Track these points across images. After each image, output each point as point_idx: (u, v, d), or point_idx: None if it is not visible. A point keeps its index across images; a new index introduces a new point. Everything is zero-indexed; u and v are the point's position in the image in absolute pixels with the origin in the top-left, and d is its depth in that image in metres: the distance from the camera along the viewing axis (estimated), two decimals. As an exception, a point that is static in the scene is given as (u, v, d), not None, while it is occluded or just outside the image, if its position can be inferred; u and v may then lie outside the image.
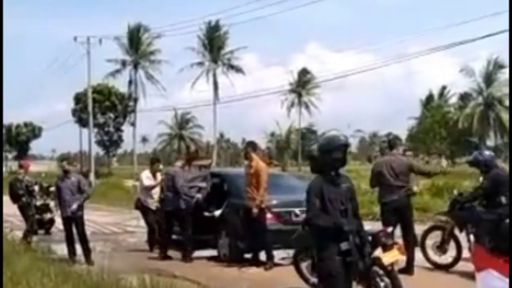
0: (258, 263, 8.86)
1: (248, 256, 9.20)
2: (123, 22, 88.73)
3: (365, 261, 4.93)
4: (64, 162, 9.90)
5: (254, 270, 8.60)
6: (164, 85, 59.31)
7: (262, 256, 8.96)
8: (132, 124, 58.18)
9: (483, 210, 7.40)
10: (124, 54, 58.63)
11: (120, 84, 57.85)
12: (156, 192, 10.53)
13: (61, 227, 10.12)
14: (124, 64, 58.52)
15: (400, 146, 8.52)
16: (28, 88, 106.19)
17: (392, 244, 5.48)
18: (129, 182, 33.07)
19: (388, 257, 5.38)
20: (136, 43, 58.35)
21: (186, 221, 9.80)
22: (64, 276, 6.66)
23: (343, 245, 4.73)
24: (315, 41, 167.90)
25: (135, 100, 57.95)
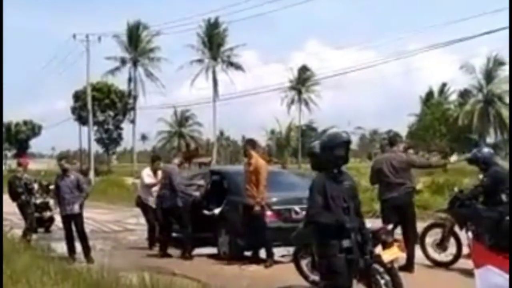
0: (258, 261, 8.86)
1: (248, 254, 9.20)
2: (122, 20, 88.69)
3: (366, 259, 4.92)
4: (63, 161, 9.84)
5: (254, 268, 8.59)
6: (164, 83, 59.49)
7: (262, 254, 8.96)
8: (132, 122, 58.28)
9: (484, 208, 7.38)
10: (124, 52, 58.78)
11: (120, 82, 58.01)
12: (157, 190, 10.53)
13: (61, 225, 10.11)
14: (124, 62, 58.58)
15: (401, 143, 8.49)
16: (27, 86, 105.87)
17: (392, 242, 5.47)
18: (129, 180, 33.08)
19: (388, 255, 5.37)
20: (136, 41, 58.36)
21: (184, 219, 9.78)
22: (64, 274, 6.66)
23: (345, 243, 4.72)
24: (315, 38, 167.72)
25: (135, 98, 58.00)
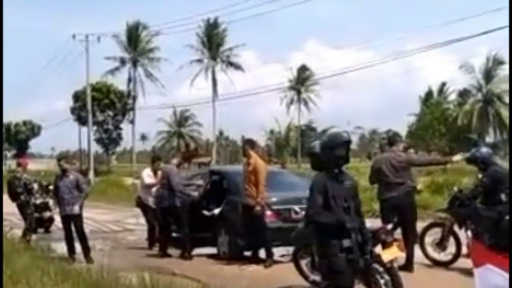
0: (258, 261, 8.86)
1: (248, 254, 9.20)
2: (122, 20, 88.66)
3: (366, 259, 4.92)
4: (62, 161, 9.83)
5: (254, 268, 8.59)
6: (163, 83, 59.51)
7: (262, 254, 8.95)
8: (131, 122, 58.28)
9: (483, 207, 7.38)
10: (123, 52, 58.80)
11: (119, 82, 58.03)
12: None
13: (61, 226, 10.11)
14: (123, 62, 58.60)
15: (400, 143, 8.48)
16: (27, 87, 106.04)
17: (392, 241, 5.47)
18: (129, 180, 33.08)
19: (388, 254, 5.37)
20: (135, 41, 58.38)
21: (182, 219, 9.78)
22: (64, 275, 6.67)
23: (345, 242, 4.72)
24: (314, 38, 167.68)
25: (134, 98, 58.00)
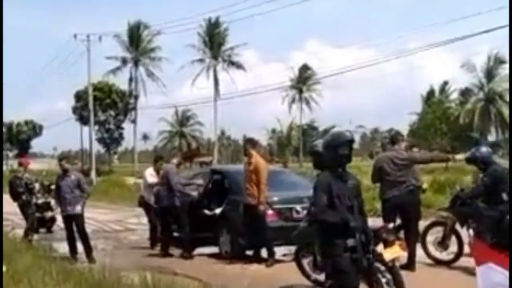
0: (260, 260, 8.85)
1: (250, 253, 9.20)
2: (123, 20, 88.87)
3: (369, 258, 4.92)
4: (63, 161, 9.84)
5: (256, 267, 8.58)
6: (165, 82, 59.58)
7: (264, 253, 8.95)
8: (133, 122, 58.27)
9: (485, 206, 7.37)
10: (124, 52, 58.84)
11: (121, 82, 58.04)
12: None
13: (63, 225, 10.12)
14: (125, 62, 58.63)
15: (402, 142, 8.46)
16: (29, 86, 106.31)
17: (394, 240, 5.46)
18: (130, 180, 33.11)
19: (390, 253, 5.37)
20: (136, 41, 58.41)
21: (182, 219, 9.78)
22: (66, 274, 6.67)
23: (350, 242, 4.71)
24: (315, 37, 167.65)
25: (136, 98, 58.02)
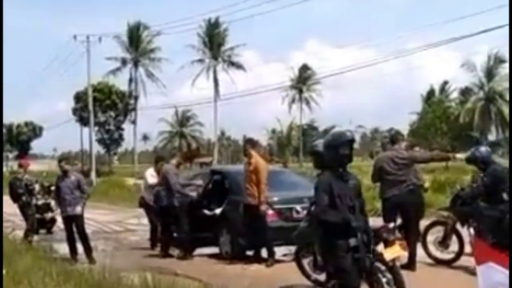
0: (260, 260, 8.85)
1: (250, 253, 9.19)
2: (123, 20, 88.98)
3: (370, 257, 4.92)
4: (63, 162, 9.85)
5: (256, 267, 8.57)
6: (165, 83, 59.64)
7: (264, 253, 8.94)
8: (133, 122, 58.29)
9: (485, 206, 7.35)
10: (124, 52, 58.88)
11: (121, 82, 58.09)
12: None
13: (63, 226, 10.12)
14: (124, 62, 58.67)
15: (402, 141, 8.45)
16: (28, 88, 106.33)
17: (394, 240, 5.46)
18: (130, 181, 33.12)
19: (390, 253, 5.36)
20: (136, 41, 58.44)
21: (181, 219, 9.77)
22: (66, 275, 6.67)
23: (352, 242, 4.70)
24: (315, 37, 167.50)
25: (136, 98, 58.04)
